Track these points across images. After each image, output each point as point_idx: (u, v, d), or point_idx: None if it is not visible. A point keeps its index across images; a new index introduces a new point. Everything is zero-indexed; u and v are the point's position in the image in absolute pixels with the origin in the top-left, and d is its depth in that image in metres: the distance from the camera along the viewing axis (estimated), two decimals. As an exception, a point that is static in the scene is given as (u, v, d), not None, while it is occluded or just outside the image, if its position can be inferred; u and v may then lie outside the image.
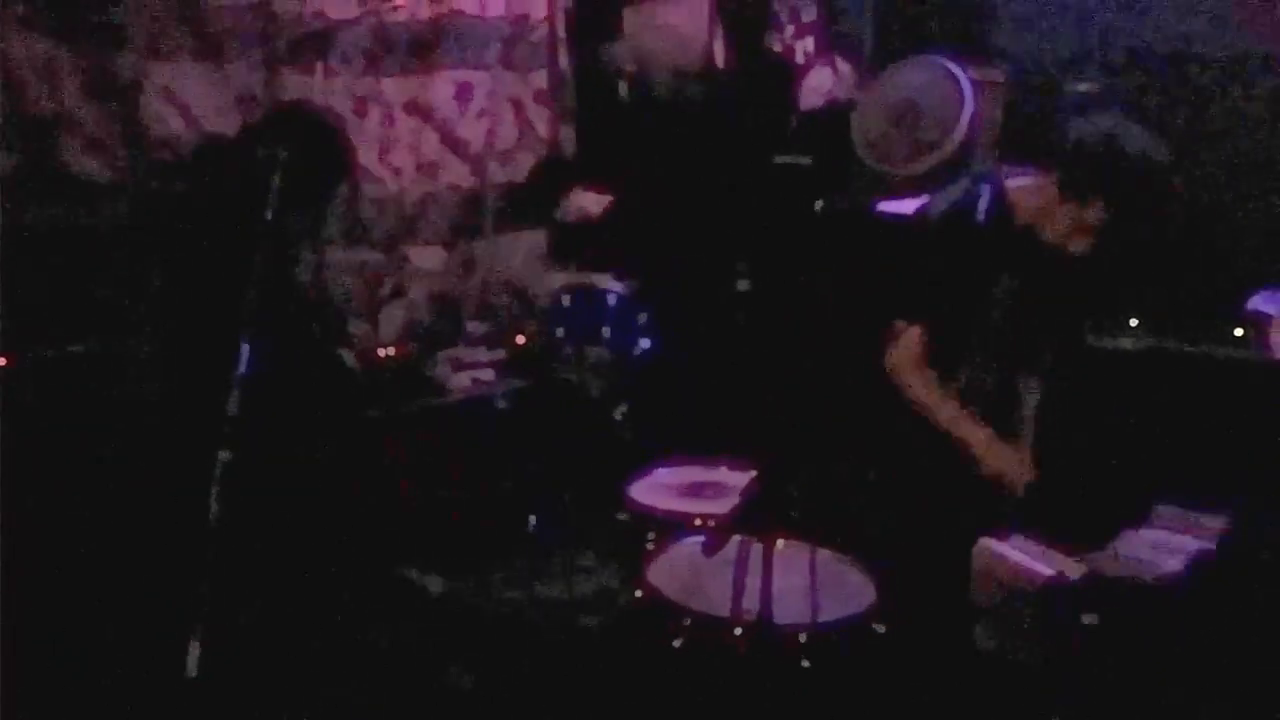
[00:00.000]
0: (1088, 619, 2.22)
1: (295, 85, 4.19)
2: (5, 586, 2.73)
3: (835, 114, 4.54)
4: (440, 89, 4.69)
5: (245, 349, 2.55)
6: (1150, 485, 2.62)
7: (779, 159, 4.61)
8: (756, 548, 2.34)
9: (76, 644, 2.88)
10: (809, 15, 4.80)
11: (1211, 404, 3.16)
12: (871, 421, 2.85)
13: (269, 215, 2.66)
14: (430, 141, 4.68)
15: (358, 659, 3.06)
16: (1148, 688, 2.23)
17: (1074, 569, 2.32)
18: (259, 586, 2.91)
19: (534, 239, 4.67)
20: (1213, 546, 2.30)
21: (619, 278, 4.14)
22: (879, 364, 2.86)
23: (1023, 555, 2.41)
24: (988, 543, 2.50)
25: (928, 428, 2.76)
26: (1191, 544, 2.33)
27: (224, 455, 2.51)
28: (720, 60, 5.03)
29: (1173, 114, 3.89)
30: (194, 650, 2.40)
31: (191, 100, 3.98)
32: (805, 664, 2.40)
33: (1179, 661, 2.22)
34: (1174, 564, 2.27)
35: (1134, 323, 3.49)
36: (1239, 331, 3.39)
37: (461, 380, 3.86)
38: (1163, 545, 2.34)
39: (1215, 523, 2.36)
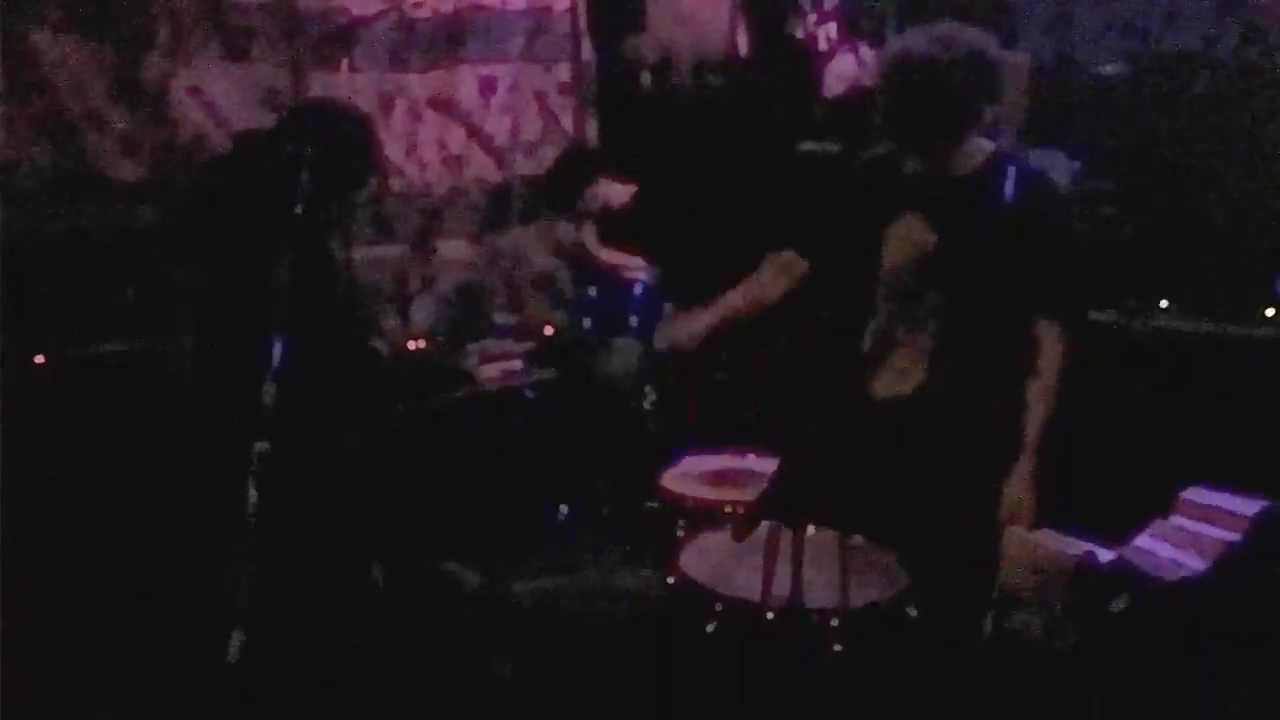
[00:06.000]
0: (1117, 604, 2.21)
1: (321, 83, 4.22)
2: (44, 580, 2.78)
3: (860, 100, 4.53)
4: (464, 83, 4.70)
5: (278, 343, 2.57)
6: (1179, 468, 2.61)
7: (804, 146, 4.61)
8: (787, 534, 2.35)
9: (115, 636, 2.92)
10: (831, 2, 4.79)
11: (1242, 385, 3.15)
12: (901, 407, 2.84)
13: (298, 210, 2.68)
14: (456, 135, 4.70)
15: (393, 650, 3.09)
16: (1178, 675, 2.23)
17: (1103, 554, 2.31)
18: (296, 579, 2.94)
19: (561, 230, 4.69)
20: (1239, 538, 2.28)
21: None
22: None
23: (1054, 541, 2.41)
24: (1018, 529, 2.50)
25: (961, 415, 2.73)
26: (1219, 535, 2.30)
27: (260, 447, 2.53)
28: (743, 49, 5.03)
29: (1199, 98, 3.88)
30: (236, 638, 2.43)
31: (218, 99, 4.00)
32: (837, 648, 2.41)
33: (1208, 653, 2.21)
34: (1198, 563, 2.25)
35: (1164, 304, 3.48)
36: (1270, 312, 3.37)
37: (490, 372, 3.88)
38: (1188, 538, 2.32)
39: (1245, 508, 2.35)
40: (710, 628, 2.50)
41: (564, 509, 3.81)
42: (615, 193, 4.28)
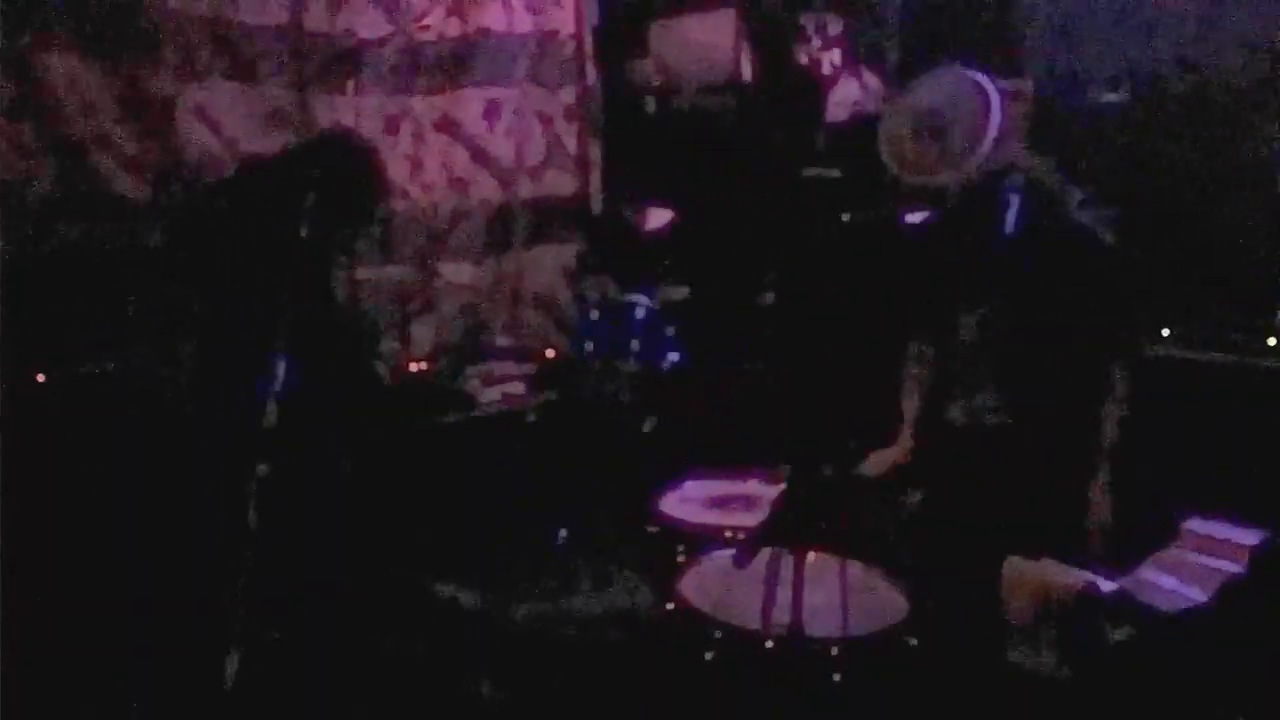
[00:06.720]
0: (1118, 634, 2.20)
1: (327, 104, 4.24)
2: (43, 600, 2.77)
3: (863, 126, 4.53)
4: (469, 106, 4.73)
5: (281, 365, 2.58)
6: (1183, 498, 2.60)
7: (807, 172, 4.61)
8: (787, 560, 2.34)
9: (115, 657, 2.91)
10: (835, 28, 4.80)
11: (1246, 414, 3.13)
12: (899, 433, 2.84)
13: (302, 234, 2.69)
14: (460, 158, 4.72)
15: (390, 672, 3.08)
16: (1179, 707, 2.21)
17: (1105, 584, 2.30)
18: (294, 599, 2.93)
19: (563, 253, 4.70)
20: (1242, 569, 2.27)
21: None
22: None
23: (1056, 570, 2.39)
24: (1019, 559, 2.48)
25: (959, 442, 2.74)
26: (1220, 566, 2.29)
27: (261, 469, 2.53)
28: (747, 74, 5.05)
29: (1201, 125, 3.88)
30: (232, 662, 2.42)
31: (224, 119, 4.02)
32: (836, 677, 2.40)
33: (1209, 682, 2.20)
34: (1199, 594, 2.24)
35: (1166, 332, 3.47)
36: (1274, 340, 3.36)
37: (491, 394, 3.89)
38: (1190, 569, 2.31)
39: (1246, 539, 2.33)
40: (709, 655, 2.48)
41: (563, 532, 3.80)
42: (654, 216, 4.35)
